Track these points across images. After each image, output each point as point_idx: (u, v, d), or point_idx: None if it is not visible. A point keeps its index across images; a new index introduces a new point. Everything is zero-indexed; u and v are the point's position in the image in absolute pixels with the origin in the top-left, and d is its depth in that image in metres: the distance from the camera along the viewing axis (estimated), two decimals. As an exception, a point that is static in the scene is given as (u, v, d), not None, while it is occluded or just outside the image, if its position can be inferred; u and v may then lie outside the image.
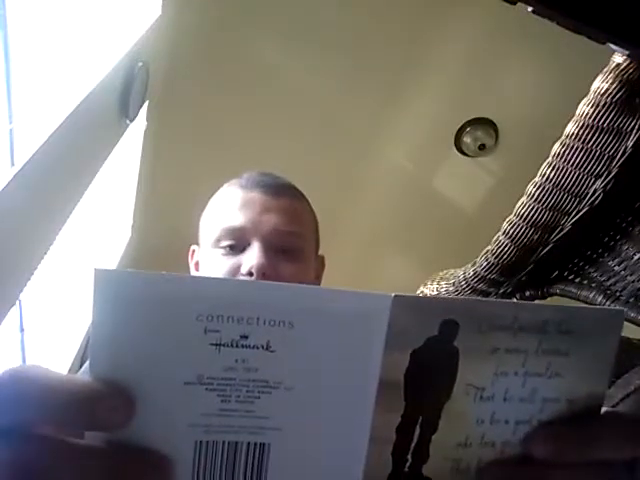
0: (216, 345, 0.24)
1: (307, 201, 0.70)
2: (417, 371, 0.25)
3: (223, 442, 0.25)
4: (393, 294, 0.24)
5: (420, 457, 0.27)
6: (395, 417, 0.26)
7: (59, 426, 0.24)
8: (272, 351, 0.24)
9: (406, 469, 0.27)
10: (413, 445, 0.26)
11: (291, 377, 0.25)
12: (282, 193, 0.65)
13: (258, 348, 0.24)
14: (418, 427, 0.26)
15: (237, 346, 0.24)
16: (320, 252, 0.73)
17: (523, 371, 0.26)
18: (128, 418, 0.23)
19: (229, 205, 0.65)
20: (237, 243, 0.61)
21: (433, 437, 0.26)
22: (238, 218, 0.62)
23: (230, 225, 0.62)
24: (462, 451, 0.27)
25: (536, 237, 0.64)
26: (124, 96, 1.04)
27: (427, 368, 0.25)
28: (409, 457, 0.27)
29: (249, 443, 0.25)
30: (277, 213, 0.63)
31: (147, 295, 0.23)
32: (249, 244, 0.61)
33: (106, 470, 0.23)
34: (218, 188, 0.70)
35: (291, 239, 0.62)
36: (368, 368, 0.25)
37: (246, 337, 0.24)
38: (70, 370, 1.32)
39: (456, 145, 1.57)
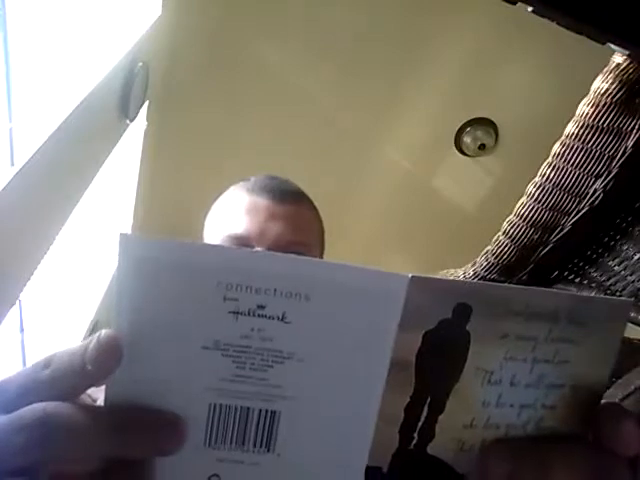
0: (234, 313, 0.24)
1: (314, 206, 0.69)
2: (428, 352, 0.26)
3: (236, 407, 0.26)
4: (410, 274, 0.25)
5: (426, 436, 0.27)
6: (404, 396, 0.26)
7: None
8: (287, 322, 0.25)
9: (412, 447, 0.27)
10: (420, 424, 0.27)
11: (304, 349, 0.25)
12: (288, 199, 0.64)
13: (274, 319, 0.25)
14: (426, 407, 0.27)
15: (254, 315, 0.24)
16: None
17: (532, 357, 0.26)
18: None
19: (234, 210, 0.63)
20: None
21: (440, 417, 0.27)
22: (243, 225, 0.61)
23: (234, 232, 0.61)
24: (467, 432, 0.27)
25: (536, 237, 0.64)
26: (124, 96, 1.04)
27: (438, 350, 0.26)
28: (415, 435, 0.27)
29: (261, 410, 0.26)
30: (282, 220, 0.62)
31: (170, 261, 0.24)
32: None
33: (120, 427, 0.23)
34: (218, 188, 0.70)
35: (295, 248, 0.61)
36: (381, 346, 0.25)
37: (263, 307, 0.24)
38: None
39: (456, 145, 1.57)
